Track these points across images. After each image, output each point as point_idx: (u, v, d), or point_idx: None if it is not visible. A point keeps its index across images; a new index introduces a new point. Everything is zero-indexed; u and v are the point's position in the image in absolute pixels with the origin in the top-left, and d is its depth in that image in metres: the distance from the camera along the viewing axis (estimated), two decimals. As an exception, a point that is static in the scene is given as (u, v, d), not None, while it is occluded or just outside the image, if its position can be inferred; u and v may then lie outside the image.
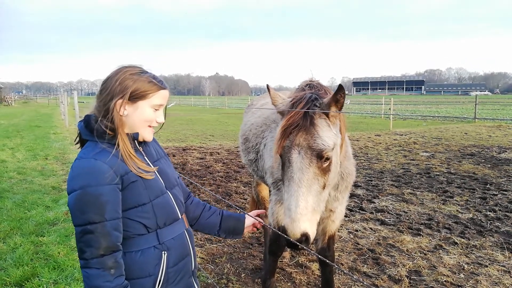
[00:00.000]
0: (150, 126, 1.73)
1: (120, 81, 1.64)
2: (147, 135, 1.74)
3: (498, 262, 4.31)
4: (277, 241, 3.41)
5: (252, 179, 5.02)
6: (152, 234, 1.71)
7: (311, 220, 2.03)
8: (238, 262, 4.41)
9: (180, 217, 1.85)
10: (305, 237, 1.96)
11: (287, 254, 4.56)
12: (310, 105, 2.18)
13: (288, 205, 2.03)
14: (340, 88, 2.09)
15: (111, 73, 1.70)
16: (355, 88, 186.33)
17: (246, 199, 6.70)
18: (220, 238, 5.07)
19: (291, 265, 4.34)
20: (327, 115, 2.18)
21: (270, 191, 3.49)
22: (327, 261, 1.82)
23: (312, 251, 1.89)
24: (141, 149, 1.77)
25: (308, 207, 2.01)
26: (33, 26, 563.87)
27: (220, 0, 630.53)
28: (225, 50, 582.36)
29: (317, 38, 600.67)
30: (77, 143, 1.78)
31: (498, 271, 4.10)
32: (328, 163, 2.13)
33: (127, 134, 1.69)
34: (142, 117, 1.68)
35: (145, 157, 1.77)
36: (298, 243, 1.93)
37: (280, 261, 4.35)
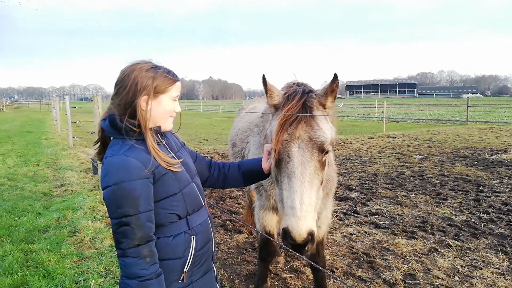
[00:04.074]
0: (171, 116, 1.84)
1: (140, 78, 1.70)
2: (168, 125, 1.84)
3: (493, 265, 4.31)
4: (266, 246, 3.37)
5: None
6: (183, 221, 1.81)
7: (314, 218, 1.91)
8: (232, 267, 4.36)
9: (203, 204, 1.96)
10: (311, 236, 1.84)
11: (281, 259, 4.51)
12: (306, 97, 2.08)
13: (291, 203, 1.87)
14: (336, 77, 2.01)
15: (125, 71, 1.75)
16: (348, 91, 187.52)
17: (240, 204, 6.64)
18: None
19: (285, 270, 4.30)
20: (324, 107, 2.11)
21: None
22: (319, 267, 1.79)
23: (304, 257, 1.85)
24: (164, 142, 1.85)
25: (312, 203, 1.89)
26: (25, 30, 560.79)
27: (212, 4, 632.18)
28: (219, 54, 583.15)
29: (310, 42, 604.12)
30: (96, 142, 1.85)
31: (492, 273, 4.10)
32: (326, 157, 2.05)
33: (151, 128, 1.75)
34: (164, 110, 1.78)
35: (168, 150, 1.85)
36: (302, 246, 1.81)
37: (274, 266, 4.31)
